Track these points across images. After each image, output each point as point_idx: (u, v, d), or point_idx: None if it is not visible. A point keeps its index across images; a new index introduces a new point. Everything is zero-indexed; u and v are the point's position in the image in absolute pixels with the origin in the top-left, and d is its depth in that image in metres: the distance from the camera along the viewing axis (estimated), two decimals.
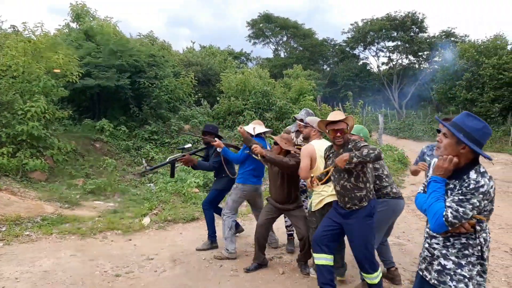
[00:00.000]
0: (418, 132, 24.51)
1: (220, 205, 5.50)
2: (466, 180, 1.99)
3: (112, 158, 9.62)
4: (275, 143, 4.29)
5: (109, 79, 10.66)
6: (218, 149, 4.76)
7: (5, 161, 7.57)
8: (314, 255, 3.51)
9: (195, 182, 7.75)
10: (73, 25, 14.26)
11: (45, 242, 5.32)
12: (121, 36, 13.62)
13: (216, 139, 4.80)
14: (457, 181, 2.05)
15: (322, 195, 3.81)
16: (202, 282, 4.12)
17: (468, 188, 1.96)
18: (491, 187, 1.97)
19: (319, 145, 3.86)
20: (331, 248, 3.47)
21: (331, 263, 3.44)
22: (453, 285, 2.05)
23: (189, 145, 5.62)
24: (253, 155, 4.37)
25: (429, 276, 2.18)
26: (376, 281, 3.32)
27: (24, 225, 5.77)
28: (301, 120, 4.20)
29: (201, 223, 6.00)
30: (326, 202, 3.79)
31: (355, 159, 3.02)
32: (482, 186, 1.95)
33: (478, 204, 1.94)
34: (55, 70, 9.14)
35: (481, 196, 1.94)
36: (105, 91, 11.06)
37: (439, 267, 2.11)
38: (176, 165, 5.26)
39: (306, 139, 4.14)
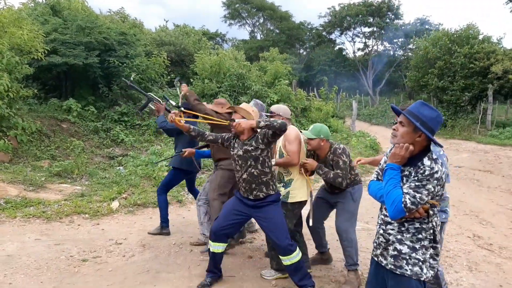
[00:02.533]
0: (390, 119, 24.88)
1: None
2: (421, 167, 2.05)
3: (80, 140, 9.29)
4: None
5: (77, 57, 10.18)
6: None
7: None
8: (212, 243, 3.49)
9: (166, 166, 7.60)
10: None
11: (8, 225, 5.14)
12: (90, 12, 12.96)
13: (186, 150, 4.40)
14: (412, 168, 2.11)
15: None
16: (172, 267, 4.07)
17: (424, 175, 2.03)
18: (443, 173, 2.06)
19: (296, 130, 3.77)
20: (229, 237, 3.66)
21: (223, 250, 3.55)
22: (409, 268, 2.11)
23: (174, 103, 5.40)
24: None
25: (384, 262, 2.22)
26: (298, 258, 3.30)
27: None
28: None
29: (171, 208, 5.90)
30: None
31: (262, 123, 3.12)
32: (436, 172, 2.02)
33: (433, 189, 2.02)
34: None
35: (435, 182, 2.02)
36: (72, 69, 10.57)
37: (395, 252, 2.17)
38: (149, 105, 5.06)
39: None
